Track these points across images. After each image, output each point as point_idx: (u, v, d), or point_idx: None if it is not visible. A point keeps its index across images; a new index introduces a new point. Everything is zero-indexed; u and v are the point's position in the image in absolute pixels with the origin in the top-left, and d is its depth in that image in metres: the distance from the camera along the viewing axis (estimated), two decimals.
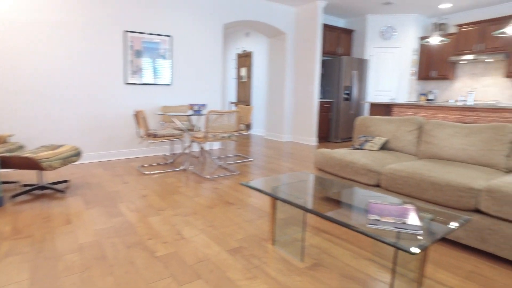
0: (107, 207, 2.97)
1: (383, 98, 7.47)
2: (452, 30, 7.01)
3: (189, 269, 1.97)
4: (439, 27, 7.02)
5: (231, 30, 8.91)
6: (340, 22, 7.73)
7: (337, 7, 6.70)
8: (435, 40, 5.04)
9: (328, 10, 6.94)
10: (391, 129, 3.41)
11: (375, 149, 3.32)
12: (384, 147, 3.44)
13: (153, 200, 3.18)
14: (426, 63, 7.21)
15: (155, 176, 4.08)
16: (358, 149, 3.43)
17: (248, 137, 7.73)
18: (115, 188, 3.54)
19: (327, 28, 6.86)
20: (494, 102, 6.30)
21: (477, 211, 2.23)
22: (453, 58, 6.56)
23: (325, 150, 3.28)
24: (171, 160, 4.97)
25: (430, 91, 7.32)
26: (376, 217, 1.67)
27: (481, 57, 6.19)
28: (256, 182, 2.38)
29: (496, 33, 4.48)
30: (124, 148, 5.06)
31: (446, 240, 2.42)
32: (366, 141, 3.46)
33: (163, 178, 3.97)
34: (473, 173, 2.42)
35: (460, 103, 4.82)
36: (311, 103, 6.73)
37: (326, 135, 7.13)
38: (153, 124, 5.28)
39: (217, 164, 4.83)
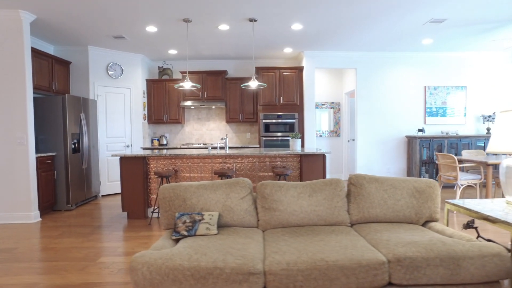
0: None
1: (117, 145, 6.32)
2: (177, 75, 7.12)
3: None
4: (165, 71, 6.92)
5: None
6: (49, 49, 5.77)
7: (48, 29, 4.88)
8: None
9: (33, 29, 4.95)
10: (219, 199, 2.63)
11: (214, 232, 2.41)
12: (218, 225, 2.59)
13: None
14: (156, 107, 6.85)
15: None
16: (188, 236, 2.38)
17: None
18: None
19: (35, 53, 4.85)
20: (221, 145, 6.95)
21: (389, 284, 1.99)
22: (182, 103, 6.63)
23: (154, 257, 1.97)
24: None
25: (163, 135, 7.02)
26: None
27: (204, 104, 6.63)
28: None
29: (243, 85, 4.85)
30: None
31: None
32: (194, 221, 2.47)
33: None
34: (352, 239, 2.19)
35: (220, 151, 4.79)
36: (24, 160, 4.44)
37: (51, 203, 4.94)
38: None
39: None
